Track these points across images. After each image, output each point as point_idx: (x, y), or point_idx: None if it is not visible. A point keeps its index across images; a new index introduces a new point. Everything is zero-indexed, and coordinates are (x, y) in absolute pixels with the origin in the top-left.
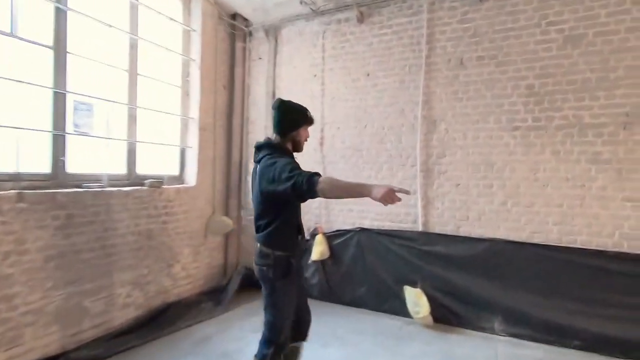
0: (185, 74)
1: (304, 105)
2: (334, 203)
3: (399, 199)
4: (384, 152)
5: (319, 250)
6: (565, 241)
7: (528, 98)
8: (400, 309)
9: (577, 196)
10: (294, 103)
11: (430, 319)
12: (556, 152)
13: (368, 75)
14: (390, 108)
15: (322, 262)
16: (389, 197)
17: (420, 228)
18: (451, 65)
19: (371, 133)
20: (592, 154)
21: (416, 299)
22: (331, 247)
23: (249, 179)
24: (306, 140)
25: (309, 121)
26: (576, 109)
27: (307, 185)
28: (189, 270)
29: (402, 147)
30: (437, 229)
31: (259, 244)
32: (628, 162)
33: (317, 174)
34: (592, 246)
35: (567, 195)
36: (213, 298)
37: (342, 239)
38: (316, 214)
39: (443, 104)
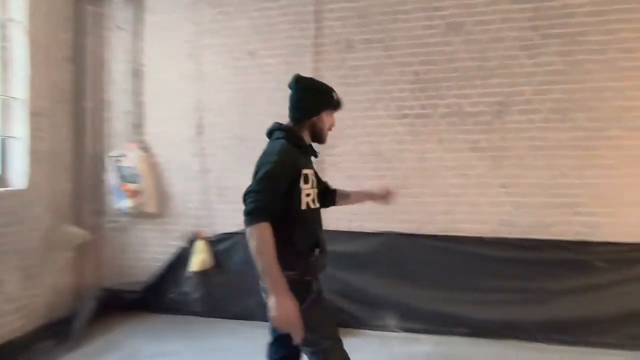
0: (2, 38)
1: (325, 84)
2: (218, 202)
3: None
4: None
5: (199, 259)
6: (451, 230)
7: (414, 85)
8: None
9: (460, 185)
10: (316, 81)
11: None
12: (441, 140)
13: (251, 54)
14: (278, 93)
15: (204, 273)
16: (285, 322)
17: None
18: (339, 48)
19: (257, 121)
20: (472, 142)
21: None
22: (215, 254)
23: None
24: (330, 129)
25: (335, 105)
26: (458, 97)
27: (247, 218)
28: (19, 301)
29: None
30: (330, 225)
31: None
32: (502, 149)
33: (266, 212)
34: (474, 234)
35: (451, 185)
36: (58, 334)
37: (228, 243)
38: (195, 216)
39: None
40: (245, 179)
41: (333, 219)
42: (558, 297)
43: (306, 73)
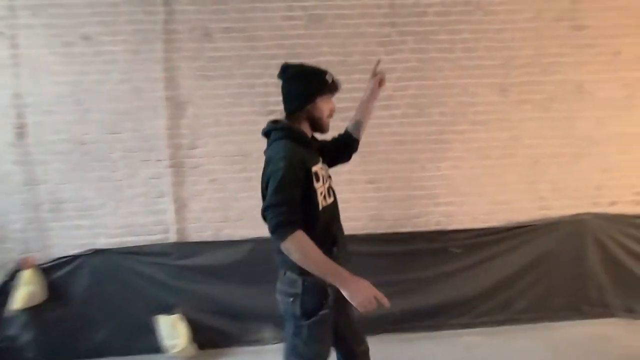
0: None
1: (315, 67)
2: (52, 219)
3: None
4: (119, 144)
5: (26, 292)
6: None
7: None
8: (158, 346)
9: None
10: (305, 66)
11: (192, 349)
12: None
13: (87, 39)
14: (123, 86)
15: (34, 309)
16: (369, 302)
17: (173, 238)
18: (196, 36)
19: (98, 119)
20: None
21: (172, 330)
22: (50, 285)
23: None
24: (331, 115)
25: (331, 87)
26: None
27: (275, 235)
28: None
29: (142, 137)
30: (194, 236)
31: (282, 268)
32: (368, 145)
33: (293, 223)
34: (347, 231)
35: None
36: None
37: (66, 269)
38: (21, 239)
39: (190, 83)
40: (87, 189)
41: (196, 229)
42: (422, 286)
43: (157, 63)
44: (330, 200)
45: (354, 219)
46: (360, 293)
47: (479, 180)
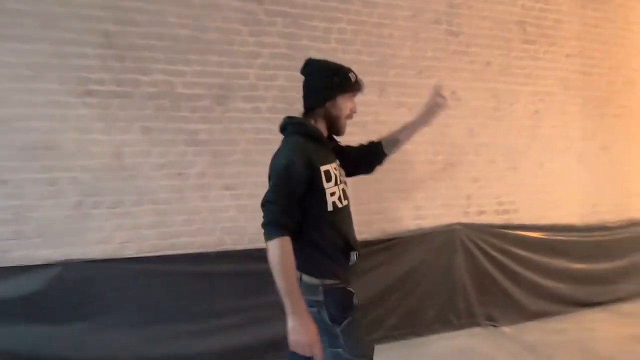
0: None
1: (339, 64)
2: None
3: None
4: None
5: None
6: (164, 248)
7: (106, 50)
8: None
9: (175, 187)
10: (328, 62)
11: None
12: (147, 129)
13: None
14: None
15: None
16: (303, 347)
17: None
18: None
19: None
20: (188, 133)
21: None
22: None
23: None
24: (351, 116)
25: (354, 86)
26: (168, 73)
27: (264, 232)
28: None
29: None
30: None
31: (299, 272)
32: (224, 143)
33: (283, 226)
34: (195, 249)
35: (162, 188)
36: None
37: None
38: None
39: None
40: None
41: None
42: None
43: None
44: (345, 203)
45: (205, 233)
46: (302, 335)
47: (354, 188)
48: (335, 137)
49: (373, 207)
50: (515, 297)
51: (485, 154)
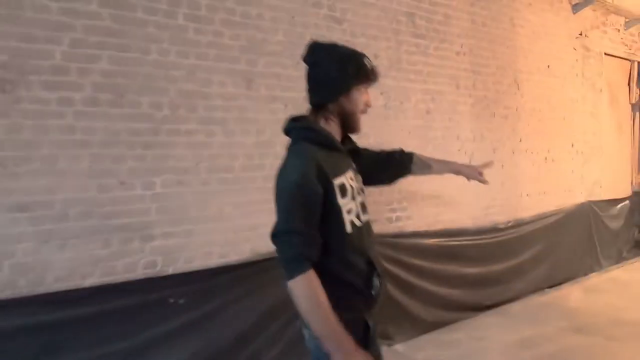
0: None
1: (352, 49)
2: None
3: None
4: None
5: None
6: None
7: None
8: None
9: None
10: (339, 46)
11: None
12: None
13: None
14: None
15: None
16: None
17: None
18: None
19: None
20: None
21: None
22: None
23: None
24: (365, 110)
25: (370, 75)
26: None
27: (284, 271)
28: None
29: None
30: None
31: None
32: (14, 146)
33: (306, 259)
34: None
35: None
36: None
37: None
38: None
39: None
40: None
41: None
42: (132, 358)
43: None
44: (364, 218)
45: None
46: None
47: (215, 201)
48: (350, 136)
49: (240, 223)
50: (410, 310)
51: None
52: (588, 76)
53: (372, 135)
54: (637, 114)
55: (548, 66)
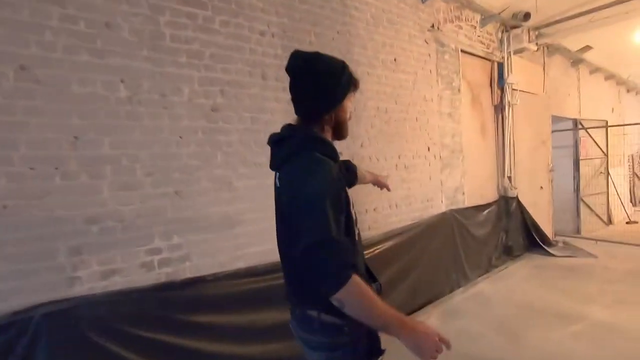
0: None
1: (336, 58)
2: None
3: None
4: None
5: None
6: None
7: None
8: None
9: None
10: (325, 56)
11: None
12: None
13: None
14: None
15: None
16: (437, 349)
17: None
18: None
19: None
20: None
21: None
22: None
23: None
24: (350, 117)
25: (356, 84)
26: None
27: (327, 285)
28: None
29: None
30: None
31: (311, 309)
32: None
33: (350, 267)
34: None
35: None
36: None
37: None
38: None
39: None
40: None
41: None
42: None
43: None
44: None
45: None
46: (429, 341)
47: None
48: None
49: None
50: None
51: (112, 174)
52: (444, 74)
53: (106, 143)
54: (500, 115)
55: (395, 59)
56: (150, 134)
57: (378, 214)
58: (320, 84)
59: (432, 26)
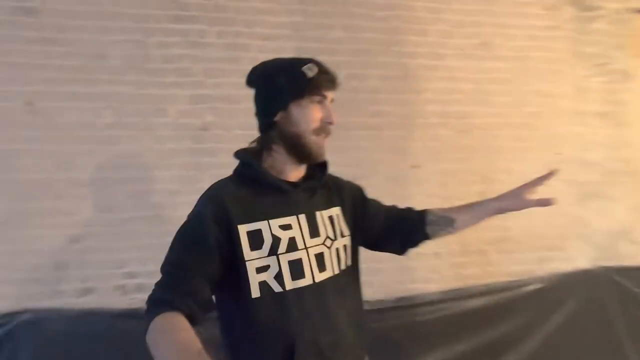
0: None
1: (292, 59)
2: None
3: None
4: None
5: None
6: None
7: None
8: None
9: None
10: (278, 60)
11: None
12: None
13: None
14: None
15: None
16: None
17: None
18: None
19: None
20: None
21: None
22: None
23: None
24: (323, 128)
25: (312, 85)
26: None
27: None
28: None
29: None
30: None
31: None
32: None
33: (162, 303)
34: None
35: None
36: None
37: None
38: None
39: None
40: None
41: None
42: None
43: None
44: (324, 276)
45: None
46: None
47: None
48: (317, 166)
49: None
50: None
51: (95, 197)
52: (590, 52)
53: (80, 167)
54: None
55: (483, 42)
56: (125, 152)
57: (442, 260)
58: (256, 92)
59: None
